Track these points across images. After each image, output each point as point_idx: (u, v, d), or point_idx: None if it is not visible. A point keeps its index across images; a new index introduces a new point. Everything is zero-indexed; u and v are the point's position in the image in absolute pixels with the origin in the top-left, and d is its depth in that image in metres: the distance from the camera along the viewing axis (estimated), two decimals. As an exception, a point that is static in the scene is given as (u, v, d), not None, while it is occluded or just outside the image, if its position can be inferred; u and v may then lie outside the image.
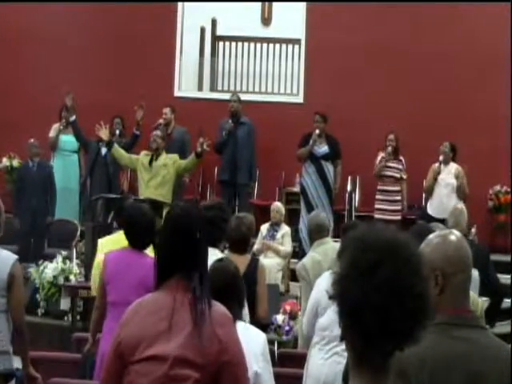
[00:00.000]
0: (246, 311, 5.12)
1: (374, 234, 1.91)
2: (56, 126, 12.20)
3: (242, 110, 11.79)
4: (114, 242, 6.07)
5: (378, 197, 11.56)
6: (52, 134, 12.15)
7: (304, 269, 7.11)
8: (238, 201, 11.54)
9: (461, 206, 7.80)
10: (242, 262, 5.27)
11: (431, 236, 2.83)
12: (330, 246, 7.09)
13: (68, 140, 12.20)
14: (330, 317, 5.33)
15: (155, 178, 10.19)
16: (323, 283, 5.50)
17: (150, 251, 5.69)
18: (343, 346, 5.66)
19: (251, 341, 3.90)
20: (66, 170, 12.07)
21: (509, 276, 10.18)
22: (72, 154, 12.31)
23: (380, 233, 1.91)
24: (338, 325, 1.91)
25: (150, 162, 10.25)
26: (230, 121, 11.61)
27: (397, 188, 11.53)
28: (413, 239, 1.94)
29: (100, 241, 7.01)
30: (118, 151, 10.49)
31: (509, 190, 12.20)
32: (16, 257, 5.04)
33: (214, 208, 5.35)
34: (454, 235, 2.82)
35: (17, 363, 5.07)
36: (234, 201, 11.47)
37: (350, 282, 1.85)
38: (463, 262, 2.76)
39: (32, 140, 11.58)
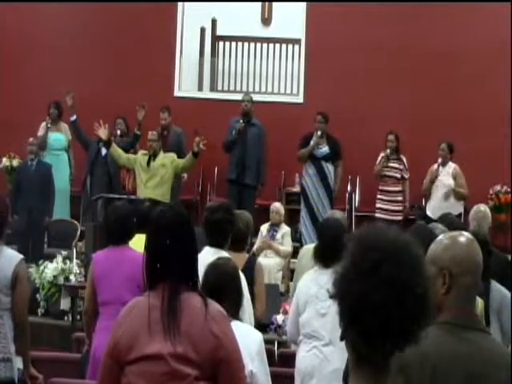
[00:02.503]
0: (251, 311, 5.12)
1: (375, 234, 1.91)
2: (44, 124, 12.16)
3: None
4: (134, 245, 6.07)
5: (379, 196, 11.55)
6: (40, 132, 12.10)
7: (301, 253, 7.19)
8: (243, 201, 11.49)
9: (484, 207, 7.31)
10: (239, 260, 5.26)
11: (442, 236, 2.84)
12: None
13: (56, 138, 12.15)
14: (308, 314, 5.45)
15: (153, 178, 10.18)
16: (302, 284, 5.60)
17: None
18: (323, 341, 5.74)
19: (247, 340, 3.89)
20: (55, 169, 11.94)
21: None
22: (61, 153, 12.24)
23: (381, 233, 1.92)
24: (339, 325, 1.91)
25: (148, 163, 10.24)
26: (241, 120, 11.58)
27: (398, 188, 11.52)
28: (414, 240, 1.94)
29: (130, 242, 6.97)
30: (117, 151, 10.48)
31: (509, 189, 12.20)
32: (21, 256, 5.10)
33: (220, 210, 5.34)
34: (464, 236, 2.81)
35: (18, 363, 5.07)
36: (240, 201, 11.45)
37: (351, 282, 1.85)
38: (472, 264, 2.75)
39: (31, 139, 11.56)
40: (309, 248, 7.50)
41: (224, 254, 4.94)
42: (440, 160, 11.20)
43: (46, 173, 11.37)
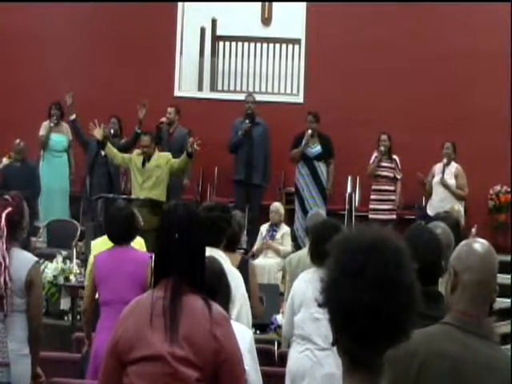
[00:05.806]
0: (248, 308, 5.12)
1: (356, 236, 1.91)
2: (46, 123, 12.16)
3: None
4: (107, 243, 6.09)
5: (372, 197, 11.56)
6: (42, 132, 12.10)
7: (289, 263, 7.15)
8: (251, 201, 11.52)
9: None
10: (233, 260, 5.26)
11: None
12: None
13: (58, 139, 12.17)
14: (301, 315, 5.47)
15: (149, 179, 10.15)
16: (298, 284, 5.61)
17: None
18: (317, 345, 5.66)
19: (238, 338, 3.89)
20: (55, 169, 11.96)
21: (509, 276, 10.18)
22: (62, 154, 12.26)
23: (362, 233, 1.91)
24: (331, 331, 1.90)
25: (143, 164, 10.22)
26: (247, 121, 11.61)
27: (391, 188, 11.53)
28: (395, 234, 1.95)
29: (93, 242, 7.04)
30: (112, 151, 10.46)
31: (509, 189, 12.20)
32: (36, 259, 5.07)
33: (216, 209, 5.34)
34: (477, 242, 2.88)
35: (25, 364, 5.07)
36: (248, 201, 11.47)
37: (340, 287, 1.85)
38: (473, 260, 2.76)
39: (18, 140, 11.56)
40: (301, 254, 7.42)
41: (219, 253, 4.92)
42: (445, 160, 11.22)
43: (31, 172, 11.37)
